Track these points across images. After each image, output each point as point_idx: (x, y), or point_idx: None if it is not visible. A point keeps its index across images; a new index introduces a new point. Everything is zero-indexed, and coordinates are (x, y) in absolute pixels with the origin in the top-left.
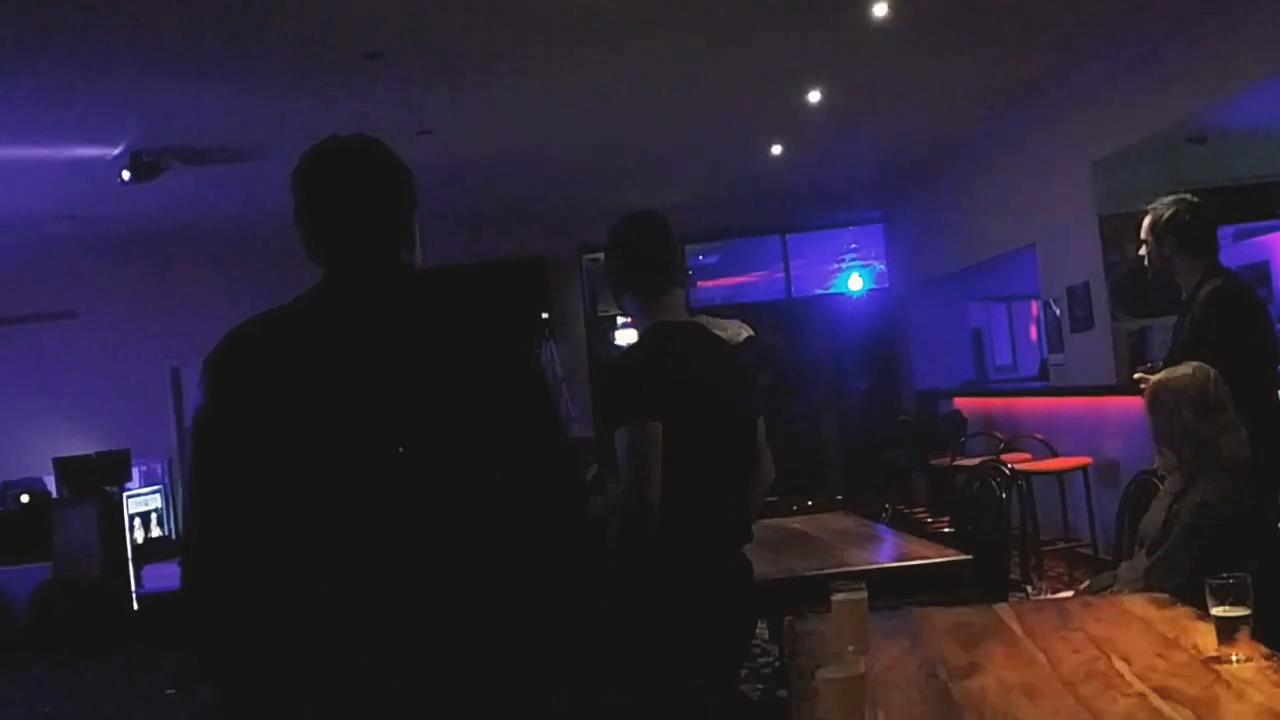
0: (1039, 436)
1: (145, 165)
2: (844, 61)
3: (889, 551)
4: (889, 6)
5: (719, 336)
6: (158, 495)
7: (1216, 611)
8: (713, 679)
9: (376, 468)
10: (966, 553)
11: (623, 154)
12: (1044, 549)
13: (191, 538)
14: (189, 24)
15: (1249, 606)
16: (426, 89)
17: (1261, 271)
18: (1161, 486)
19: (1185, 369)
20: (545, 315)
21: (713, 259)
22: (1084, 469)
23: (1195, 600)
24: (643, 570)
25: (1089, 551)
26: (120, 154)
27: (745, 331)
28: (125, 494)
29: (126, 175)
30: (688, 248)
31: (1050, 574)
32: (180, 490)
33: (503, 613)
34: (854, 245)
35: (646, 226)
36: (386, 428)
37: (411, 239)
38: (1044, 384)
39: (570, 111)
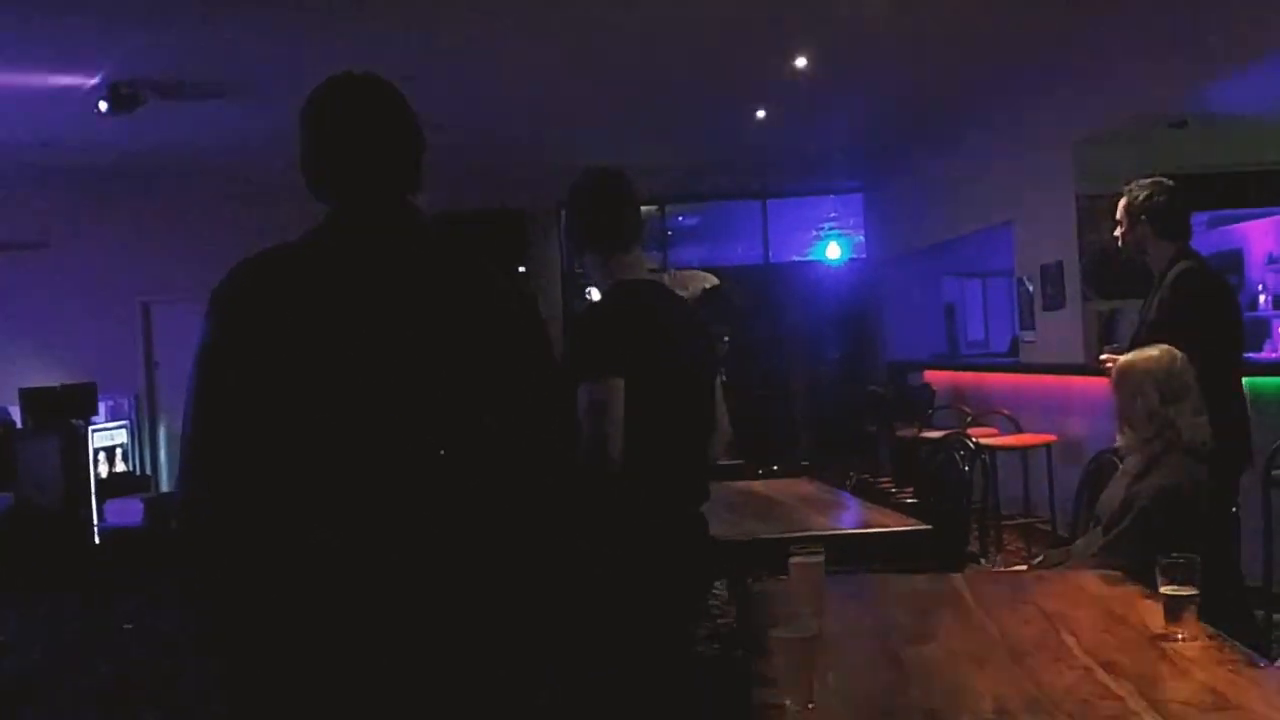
0: (1005, 412)
1: (123, 97)
2: (832, 28)
3: (849, 518)
4: None
5: (679, 295)
6: (123, 430)
7: (1165, 590)
8: (668, 637)
9: (380, 406)
10: (927, 523)
11: (607, 111)
12: (1004, 523)
13: (192, 473)
14: None
15: (1197, 587)
16: (409, 34)
17: (1234, 259)
18: (1121, 465)
19: (1153, 350)
20: (522, 269)
21: (692, 221)
22: (1048, 446)
23: (1146, 579)
24: (601, 526)
25: (1048, 528)
26: (98, 84)
27: (709, 281)
28: (90, 428)
29: (104, 106)
30: (668, 209)
31: (1009, 548)
32: (148, 424)
33: (499, 555)
34: (834, 214)
35: (606, 184)
36: (391, 367)
37: (420, 181)
38: (1014, 360)
39: (555, 67)
